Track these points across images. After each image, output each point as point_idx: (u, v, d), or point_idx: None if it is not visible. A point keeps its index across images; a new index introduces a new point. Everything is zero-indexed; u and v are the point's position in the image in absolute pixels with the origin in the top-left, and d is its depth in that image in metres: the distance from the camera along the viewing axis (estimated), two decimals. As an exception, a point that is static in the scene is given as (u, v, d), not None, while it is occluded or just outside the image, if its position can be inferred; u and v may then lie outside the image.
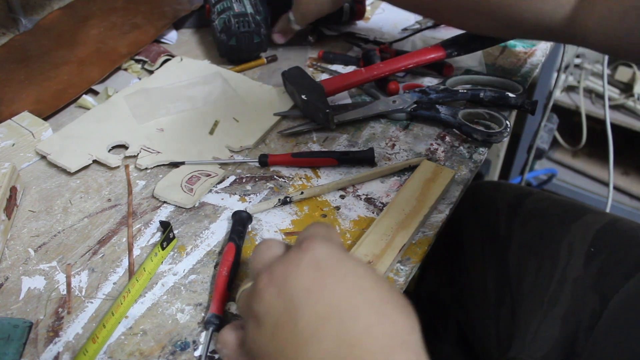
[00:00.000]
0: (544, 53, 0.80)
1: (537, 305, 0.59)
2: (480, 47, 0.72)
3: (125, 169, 0.61)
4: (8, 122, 0.63)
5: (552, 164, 1.79)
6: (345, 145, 0.64)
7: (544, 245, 0.62)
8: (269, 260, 0.35)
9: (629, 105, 1.52)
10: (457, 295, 0.75)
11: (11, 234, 0.54)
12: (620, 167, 1.72)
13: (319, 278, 0.31)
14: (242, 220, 0.53)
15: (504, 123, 0.63)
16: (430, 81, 0.75)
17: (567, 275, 0.58)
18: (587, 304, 0.56)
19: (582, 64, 1.56)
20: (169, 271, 0.50)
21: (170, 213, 0.56)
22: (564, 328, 0.56)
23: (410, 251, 0.52)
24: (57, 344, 0.44)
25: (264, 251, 0.36)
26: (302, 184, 0.59)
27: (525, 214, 0.67)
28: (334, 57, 0.79)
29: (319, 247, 0.32)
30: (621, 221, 0.62)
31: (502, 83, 0.72)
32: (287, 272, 0.32)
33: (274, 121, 0.67)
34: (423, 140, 0.65)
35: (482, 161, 0.62)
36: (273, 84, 0.74)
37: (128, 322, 0.46)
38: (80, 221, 0.55)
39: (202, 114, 0.68)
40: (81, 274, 0.50)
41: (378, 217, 0.53)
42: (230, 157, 0.62)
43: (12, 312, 0.47)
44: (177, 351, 0.44)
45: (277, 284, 0.32)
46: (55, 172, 0.61)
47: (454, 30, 0.71)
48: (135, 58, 0.79)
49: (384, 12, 0.91)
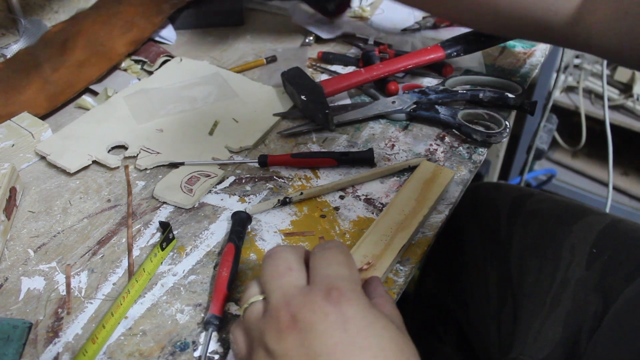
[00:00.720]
0: (544, 53, 0.80)
1: (539, 306, 0.58)
2: (479, 48, 0.72)
3: (124, 170, 0.61)
4: (8, 122, 0.63)
5: (551, 164, 1.79)
6: (344, 146, 0.64)
7: (545, 246, 0.62)
8: (289, 288, 0.34)
9: (628, 105, 1.52)
10: (458, 296, 0.75)
11: (11, 235, 0.54)
12: (620, 167, 1.72)
13: (345, 340, 0.31)
14: (241, 221, 0.53)
15: (504, 123, 0.63)
16: (429, 82, 0.75)
17: (569, 276, 0.58)
18: (589, 305, 0.56)
19: (581, 65, 1.56)
20: (168, 272, 0.50)
21: (169, 214, 0.56)
22: (566, 329, 0.56)
23: (410, 252, 0.52)
24: (56, 345, 0.44)
25: (281, 267, 0.35)
26: (302, 184, 0.59)
27: (526, 214, 0.67)
28: (334, 58, 0.79)
29: (348, 304, 0.32)
30: (623, 222, 0.62)
31: (501, 83, 0.72)
32: (313, 322, 0.31)
33: (274, 122, 0.67)
34: (422, 140, 0.65)
35: (482, 162, 0.62)
36: (273, 84, 0.74)
37: (128, 323, 0.46)
38: (80, 222, 0.55)
39: (201, 115, 0.68)
40: (81, 275, 0.50)
41: (377, 218, 0.53)
42: (230, 158, 0.62)
43: (12, 313, 0.47)
44: (176, 352, 0.44)
45: (301, 331, 0.31)
46: (54, 173, 0.61)
47: (453, 31, 0.71)
48: (135, 59, 0.79)
49: (383, 12, 0.91)
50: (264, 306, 0.34)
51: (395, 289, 0.48)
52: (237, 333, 0.36)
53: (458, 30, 0.71)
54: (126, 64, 0.78)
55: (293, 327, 0.32)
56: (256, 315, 0.34)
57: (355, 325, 0.31)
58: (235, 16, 0.89)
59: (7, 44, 0.80)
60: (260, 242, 0.53)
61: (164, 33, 0.84)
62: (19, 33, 0.83)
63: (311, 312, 0.32)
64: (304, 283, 0.34)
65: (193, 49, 0.84)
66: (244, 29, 0.89)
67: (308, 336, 0.31)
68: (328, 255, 0.36)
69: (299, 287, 0.34)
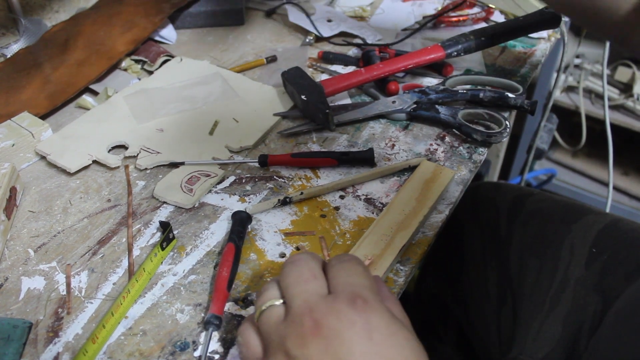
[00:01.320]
0: (544, 53, 0.80)
1: (539, 306, 0.59)
2: (479, 48, 0.72)
3: (125, 170, 0.61)
4: (8, 122, 0.63)
5: (551, 164, 1.79)
6: (345, 146, 0.64)
7: (545, 246, 0.62)
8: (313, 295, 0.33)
9: (628, 105, 1.52)
10: (458, 296, 0.75)
11: (11, 235, 0.54)
12: (620, 167, 1.72)
13: (371, 349, 0.31)
14: (241, 221, 0.53)
15: (504, 123, 0.63)
16: (430, 81, 0.75)
17: (569, 276, 0.58)
18: (589, 305, 0.56)
19: (581, 64, 1.56)
20: (168, 271, 0.50)
21: (170, 213, 0.56)
22: (566, 328, 0.56)
23: (410, 251, 0.52)
24: (56, 345, 0.44)
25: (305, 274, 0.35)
26: (302, 184, 0.59)
27: (526, 214, 0.67)
28: (334, 58, 0.79)
29: (374, 314, 0.32)
30: (622, 222, 0.62)
31: (501, 83, 0.72)
32: (339, 329, 0.31)
33: (274, 121, 0.67)
34: (423, 140, 0.65)
35: (482, 161, 0.62)
36: (273, 84, 0.74)
37: (128, 323, 0.46)
38: (80, 221, 0.55)
39: (201, 114, 0.68)
40: (81, 274, 0.50)
41: (378, 218, 0.53)
42: (230, 158, 0.62)
43: (12, 313, 0.47)
44: (176, 351, 0.44)
45: (326, 337, 0.31)
46: (55, 173, 0.61)
47: (453, 31, 0.71)
48: (135, 58, 0.79)
49: (383, 12, 0.91)
50: (285, 310, 0.34)
51: (395, 289, 0.48)
52: (250, 336, 0.35)
53: (458, 30, 0.71)
54: (126, 63, 0.78)
55: (317, 333, 0.31)
56: (276, 319, 0.34)
57: (381, 334, 0.31)
58: (235, 16, 0.89)
59: (7, 43, 0.80)
60: (261, 241, 0.53)
61: (164, 33, 0.84)
62: (19, 33, 0.83)
63: (337, 319, 0.32)
64: (327, 291, 0.34)
65: (193, 49, 0.84)
66: (244, 29, 0.89)
67: (333, 343, 0.31)
68: (347, 266, 0.35)
69: (323, 295, 0.34)
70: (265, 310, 0.35)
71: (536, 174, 1.73)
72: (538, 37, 0.83)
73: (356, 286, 0.34)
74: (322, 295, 0.34)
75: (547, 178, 1.72)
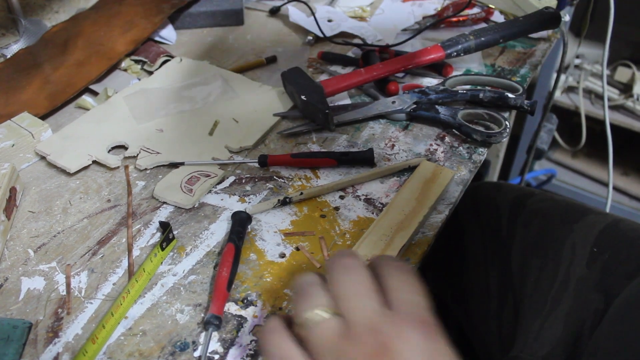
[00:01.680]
0: (544, 53, 0.80)
1: (540, 305, 0.59)
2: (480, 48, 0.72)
3: (124, 170, 0.61)
4: (8, 122, 0.63)
5: (551, 164, 1.79)
6: (344, 146, 0.64)
7: (546, 246, 0.62)
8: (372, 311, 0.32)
9: (628, 105, 1.52)
10: (458, 296, 0.75)
11: (11, 235, 0.54)
12: (620, 167, 1.72)
13: None
14: (241, 221, 0.53)
15: (504, 123, 0.63)
16: (429, 82, 0.75)
17: (570, 275, 0.59)
18: (590, 304, 0.56)
19: (581, 65, 1.57)
20: (168, 272, 0.50)
21: (169, 214, 0.56)
22: (567, 327, 0.56)
23: (410, 252, 0.52)
24: (56, 345, 0.44)
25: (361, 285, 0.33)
26: (302, 184, 0.59)
27: (527, 214, 0.67)
28: (334, 58, 0.79)
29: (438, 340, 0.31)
30: (623, 222, 0.62)
31: (501, 83, 0.72)
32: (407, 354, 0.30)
33: (274, 122, 0.67)
34: (422, 140, 0.65)
35: (482, 162, 0.62)
36: (273, 84, 0.74)
37: (127, 323, 0.46)
38: (80, 222, 0.55)
39: (201, 115, 0.68)
40: (81, 275, 0.50)
41: (377, 218, 0.53)
42: (230, 158, 0.62)
43: (12, 313, 0.47)
44: (176, 352, 0.44)
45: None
46: (54, 173, 0.61)
47: (453, 31, 0.71)
48: (135, 58, 0.79)
49: (383, 12, 0.91)
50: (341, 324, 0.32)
51: (395, 289, 0.48)
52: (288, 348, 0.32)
53: (458, 31, 0.71)
54: (126, 63, 0.78)
55: (383, 356, 0.30)
56: (331, 334, 0.31)
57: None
58: (234, 16, 0.89)
59: (7, 44, 0.81)
60: (260, 242, 0.53)
61: (164, 33, 0.84)
62: (19, 33, 0.83)
63: (405, 343, 0.31)
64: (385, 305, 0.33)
65: (193, 49, 0.84)
66: (243, 29, 0.89)
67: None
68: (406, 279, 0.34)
69: (383, 312, 0.32)
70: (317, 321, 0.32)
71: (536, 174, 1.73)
72: (538, 37, 0.83)
73: (421, 307, 0.33)
74: (382, 311, 0.32)
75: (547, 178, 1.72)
